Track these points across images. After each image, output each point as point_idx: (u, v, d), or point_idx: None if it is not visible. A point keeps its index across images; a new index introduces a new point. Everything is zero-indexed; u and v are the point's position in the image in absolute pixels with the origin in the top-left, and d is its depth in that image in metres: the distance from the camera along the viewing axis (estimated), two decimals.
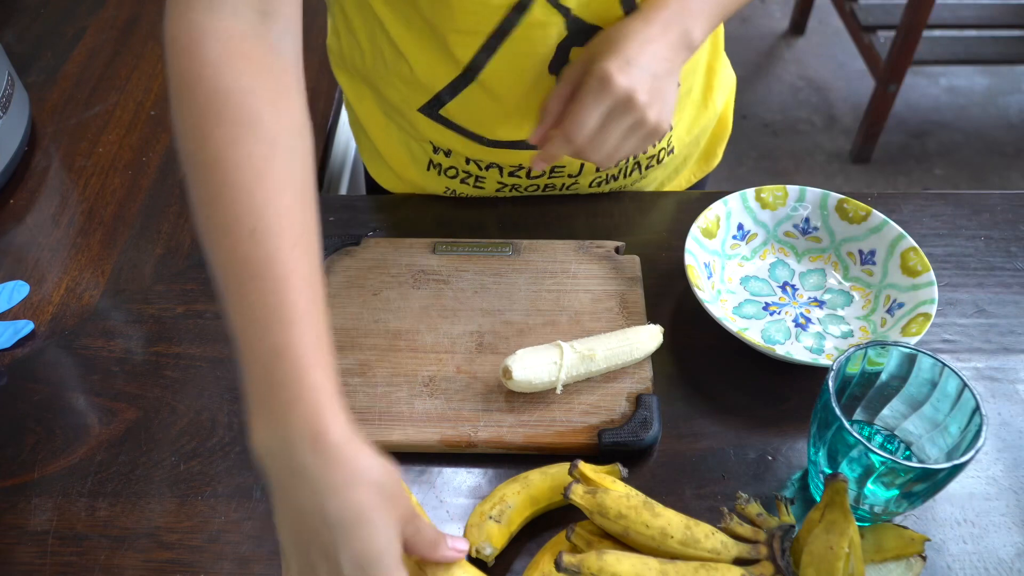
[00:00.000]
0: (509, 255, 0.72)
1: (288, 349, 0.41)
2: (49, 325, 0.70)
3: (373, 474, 0.42)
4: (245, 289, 0.42)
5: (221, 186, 0.43)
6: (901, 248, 0.68)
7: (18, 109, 0.84)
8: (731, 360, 0.66)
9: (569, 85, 0.61)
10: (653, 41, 0.58)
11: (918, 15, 1.91)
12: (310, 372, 0.41)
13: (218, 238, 0.43)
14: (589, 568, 0.46)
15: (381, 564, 0.41)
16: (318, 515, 0.41)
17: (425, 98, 0.70)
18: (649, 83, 0.58)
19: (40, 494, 0.59)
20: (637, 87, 0.57)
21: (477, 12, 0.62)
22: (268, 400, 0.41)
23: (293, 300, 0.41)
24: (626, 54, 0.57)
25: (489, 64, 0.66)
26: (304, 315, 0.41)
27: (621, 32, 0.59)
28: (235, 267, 0.42)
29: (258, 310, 0.41)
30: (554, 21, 0.63)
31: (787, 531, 0.50)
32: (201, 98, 0.45)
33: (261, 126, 0.44)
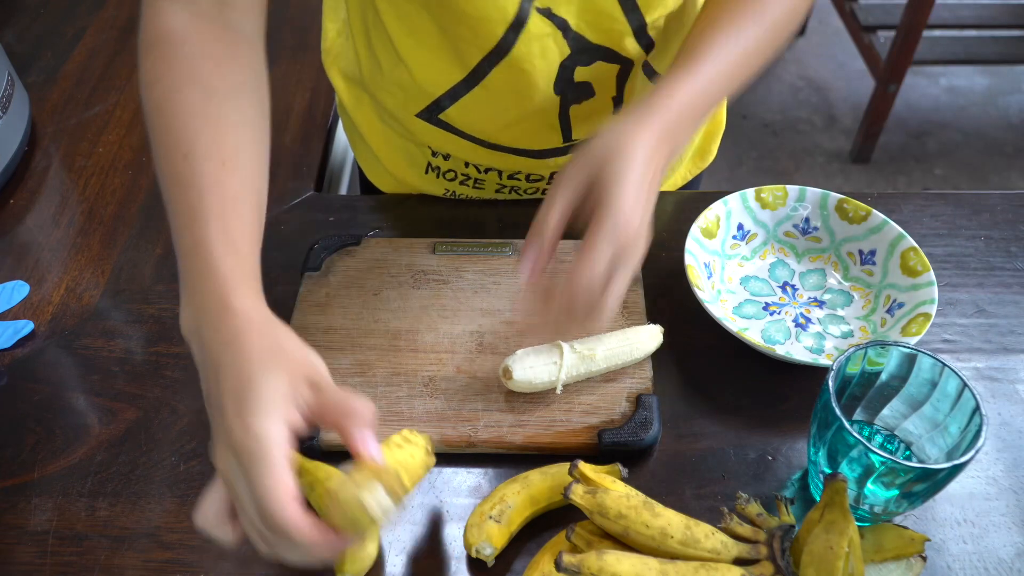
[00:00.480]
0: (509, 255, 0.72)
1: (202, 244, 0.47)
2: (49, 325, 0.70)
3: (269, 332, 0.44)
4: (176, 199, 0.49)
5: (166, 122, 0.51)
6: (901, 248, 0.68)
7: (18, 109, 0.84)
8: (731, 360, 0.66)
9: (568, 196, 0.51)
10: (656, 165, 0.53)
11: (918, 15, 1.91)
12: (221, 261, 0.46)
13: (161, 163, 0.51)
14: (589, 568, 0.46)
15: (258, 414, 0.41)
16: (212, 370, 0.43)
17: (424, 104, 0.70)
18: (645, 218, 0.52)
19: (40, 494, 0.59)
20: (642, 229, 0.51)
21: (475, 28, 0.62)
22: (187, 288, 0.47)
23: (209, 204, 0.48)
24: (636, 186, 0.50)
25: (489, 77, 0.66)
26: (219, 215, 0.47)
27: (627, 152, 0.51)
28: (171, 183, 0.50)
29: (182, 215, 0.48)
30: (553, 36, 0.63)
31: (787, 531, 0.50)
32: (157, 55, 0.53)
33: (201, 80, 0.52)
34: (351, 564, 0.52)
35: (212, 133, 0.50)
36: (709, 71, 0.57)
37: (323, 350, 0.65)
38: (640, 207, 0.50)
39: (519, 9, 0.60)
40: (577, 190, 0.50)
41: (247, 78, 0.55)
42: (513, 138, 0.71)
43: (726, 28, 0.58)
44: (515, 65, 0.64)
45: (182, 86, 0.52)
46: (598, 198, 0.49)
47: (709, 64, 0.57)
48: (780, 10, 0.60)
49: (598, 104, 0.69)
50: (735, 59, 0.58)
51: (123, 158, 0.86)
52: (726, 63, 0.58)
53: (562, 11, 0.62)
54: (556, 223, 0.51)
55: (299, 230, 0.77)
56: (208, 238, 0.47)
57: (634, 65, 0.67)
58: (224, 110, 0.52)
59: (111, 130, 0.89)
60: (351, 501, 0.41)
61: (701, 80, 0.56)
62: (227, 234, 0.47)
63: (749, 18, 0.59)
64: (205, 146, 0.49)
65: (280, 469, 0.40)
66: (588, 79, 0.67)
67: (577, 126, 0.71)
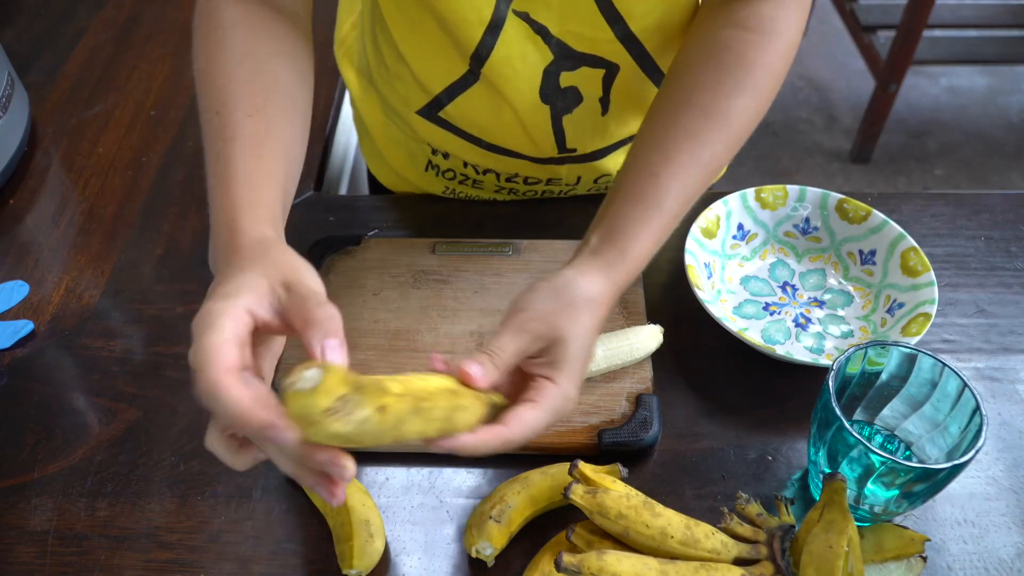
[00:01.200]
0: (509, 255, 0.72)
1: (223, 183, 0.49)
2: (49, 325, 0.70)
3: (261, 244, 0.45)
4: (209, 151, 0.52)
5: (204, 86, 0.55)
6: (901, 248, 0.68)
7: (18, 109, 0.84)
8: (731, 360, 0.66)
9: (519, 351, 0.48)
10: (602, 321, 0.52)
11: (918, 15, 1.91)
12: (236, 194, 0.49)
13: (201, 124, 0.54)
14: (589, 568, 0.46)
15: (220, 298, 0.41)
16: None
17: (424, 101, 0.70)
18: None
19: (40, 494, 0.59)
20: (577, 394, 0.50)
21: (453, 31, 0.62)
22: (214, 226, 0.49)
23: (232, 149, 0.50)
24: (584, 363, 0.50)
25: (479, 79, 0.66)
26: (242, 159, 0.50)
27: (580, 326, 0.49)
28: (206, 139, 0.53)
29: (212, 163, 0.51)
30: (532, 40, 0.62)
31: (787, 531, 0.50)
32: (202, 30, 0.57)
33: (236, 47, 0.55)
34: (358, 559, 0.52)
35: (242, 90, 0.53)
36: (670, 206, 0.54)
37: None
38: (581, 378, 0.50)
39: (495, 11, 0.60)
40: (529, 349, 0.48)
41: (284, 47, 0.57)
42: (510, 141, 0.71)
43: (687, 145, 0.55)
44: (497, 69, 0.64)
45: (218, 52, 0.55)
46: (549, 360, 0.48)
47: (669, 199, 0.54)
48: (742, 121, 0.56)
49: (588, 109, 0.69)
50: (695, 184, 0.55)
51: (123, 158, 0.86)
52: (684, 193, 0.55)
53: (542, 17, 0.61)
54: (504, 368, 0.47)
55: (299, 230, 0.77)
56: (229, 177, 0.49)
57: (620, 69, 0.66)
58: (255, 72, 0.54)
59: (111, 130, 0.89)
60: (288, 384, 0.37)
61: (661, 220, 0.54)
62: (247, 175, 0.49)
63: (708, 127, 0.55)
64: (235, 101, 0.52)
65: (222, 335, 0.39)
66: (574, 83, 0.66)
67: (571, 134, 0.70)
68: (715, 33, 0.58)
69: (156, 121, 0.90)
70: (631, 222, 0.54)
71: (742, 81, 0.56)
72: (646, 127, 0.58)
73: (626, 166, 0.57)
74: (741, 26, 0.57)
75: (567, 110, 0.68)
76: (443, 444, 0.44)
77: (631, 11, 0.61)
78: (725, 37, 0.57)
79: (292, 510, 0.57)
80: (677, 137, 0.55)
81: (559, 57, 0.64)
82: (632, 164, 0.57)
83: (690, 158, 0.55)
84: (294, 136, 0.55)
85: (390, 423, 0.39)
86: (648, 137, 0.57)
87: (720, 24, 0.58)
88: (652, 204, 0.54)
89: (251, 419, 0.38)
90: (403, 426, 0.40)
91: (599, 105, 0.69)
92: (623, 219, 0.54)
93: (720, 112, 0.55)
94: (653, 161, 0.55)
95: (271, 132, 0.52)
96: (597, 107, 0.69)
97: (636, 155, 0.57)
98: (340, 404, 0.37)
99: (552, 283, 0.51)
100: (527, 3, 0.60)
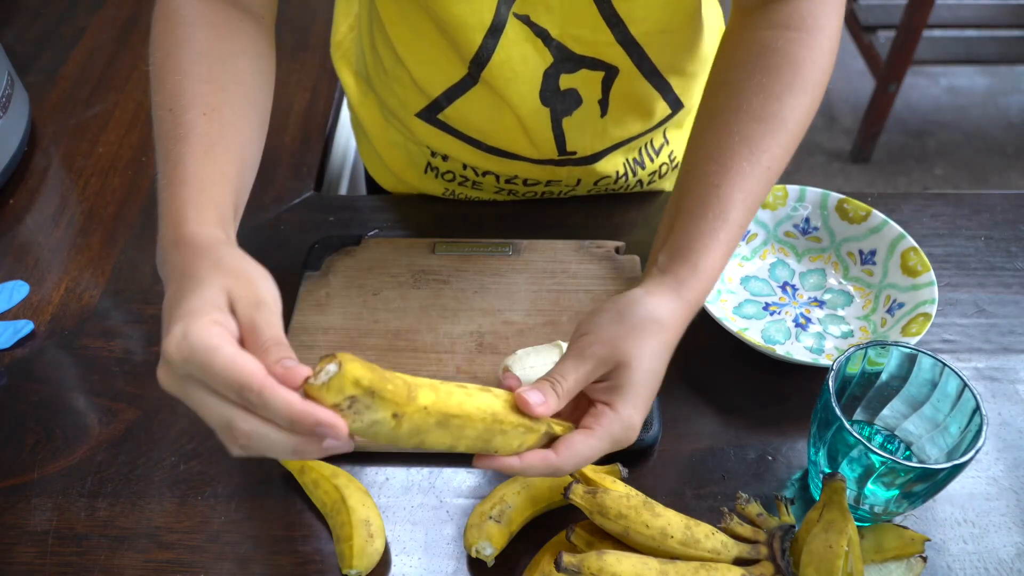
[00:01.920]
0: (509, 255, 0.72)
1: (171, 184, 0.48)
2: (49, 325, 0.70)
3: (211, 252, 0.43)
4: (160, 150, 0.51)
5: (159, 82, 0.53)
6: (901, 248, 0.68)
7: (18, 109, 0.84)
8: (731, 360, 0.66)
9: (585, 376, 0.47)
10: (673, 347, 0.50)
11: (918, 15, 1.91)
12: (182, 196, 0.47)
13: (154, 120, 0.52)
14: (589, 568, 0.46)
15: (176, 314, 0.40)
16: (166, 295, 0.43)
17: (423, 103, 0.70)
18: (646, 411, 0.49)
19: (40, 494, 0.59)
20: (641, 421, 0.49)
21: (455, 36, 0.62)
22: (161, 227, 0.47)
23: (182, 150, 0.49)
24: (649, 395, 0.48)
25: (478, 82, 0.66)
26: (192, 158, 0.48)
27: (648, 352, 0.48)
28: (158, 137, 0.51)
29: (162, 162, 0.50)
30: (532, 43, 0.62)
31: (787, 531, 0.50)
32: (160, 26, 0.55)
33: (195, 44, 0.54)
34: (358, 559, 0.52)
35: (196, 88, 0.51)
36: (736, 217, 0.52)
37: (323, 350, 0.65)
38: (648, 405, 0.48)
39: (496, 14, 0.60)
40: (592, 375, 0.47)
41: (245, 47, 0.56)
42: (509, 143, 0.71)
43: (745, 152, 0.53)
44: (497, 72, 0.64)
45: (175, 49, 0.53)
46: (611, 385, 0.47)
47: (734, 209, 0.52)
48: (796, 121, 0.54)
49: (587, 112, 0.69)
50: (757, 191, 0.53)
51: (123, 158, 0.86)
52: (747, 202, 0.53)
53: (543, 20, 0.61)
54: (566, 396, 0.46)
55: (299, 230, 0.77)
56: (177, 178, 0.48)
57: (620, 72, 0.66)
58: (214, 70, 0.53)
59: (111, 130, 0.89)
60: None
61: (728, 232, 0.52)
62: (197, 175, 0.48)
63: (764, 132, 0.54)
64: (188, 99, 0.51)
65: (225, 348, 0.38)
66: (573, 86, 0.66)
67: (572, 137, 0.70)
68: (757, 35, 0.56)
69: None
70: (698, 236, 0.51)
71: (791, 81, 0.55)
72: (699, 137, 0.56)
73: (684, 179, 0.55)
74: (783, 26, 0.56)
75: (567, 112, 0.68)
76: (482, 463, 0.43)
77: (632, 14, 0.61)
78: (768, 38, 0.56)
79: (292, 510, 0.57)
80: (733, 145, 0.53)
81: (559, 59, 0.64)
82: (690, 177, 0.55)
83: (749, 165, 0.53)
84: (250, 137, 0.53)
85: (407, 431, 0.39)
86: (703, 148, 0.55)
87: (760, 26, 0.57)
88: (718, 216, 0.52)
89: (307, 417, 0.37)
90: (425, 436, 0.40)
91: (598, 107, 0.69)
92: (690, 235, 0.52)
93: (773, 115, 0.54)
94: (712, 172, 0.53)
95: (225, 132, 0.51)
96: (596, 109, 0.69)
97: (693, 167, 0.55)
98: (347, 403, 0.37)
99: (617, 304, 0.49)
100: (528, 6, 0.60)
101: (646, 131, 0.74)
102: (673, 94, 0.71)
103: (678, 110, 0.74)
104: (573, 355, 0.47)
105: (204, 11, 0.55)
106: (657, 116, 0.73)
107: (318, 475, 0.56)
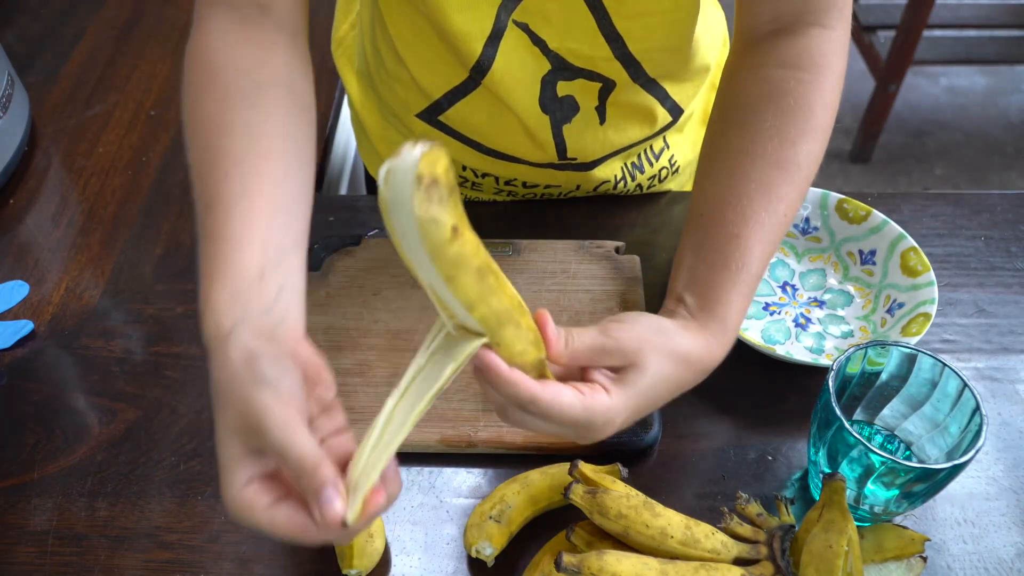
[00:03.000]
0: (509, 255, 0.72)
1: (206, 255, 0.45)
2: (49, 325, 0.70)
3: (236, 371, 0.40)
4: (196, 204, 0.48)
5: (190, 135, 0.51)
6: (901, 248, 0.68)
7: (18, 109, 0.84)
8: (731, 360, 0.65)
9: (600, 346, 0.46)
10: (679, 389, 0.49)
11: (918, 15, 1.91)
12: (214, 285, 0.44)
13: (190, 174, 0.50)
14: (589, 568, 0.46)
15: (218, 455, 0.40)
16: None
17: (424, 104, 0.70)
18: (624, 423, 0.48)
19: (40, 494, 0.59)
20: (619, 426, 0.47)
21: (456, 45, 0.61)
22: (201, 294, 0.45)
23: (209, 223, 0.46)
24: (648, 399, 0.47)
25: (477, 89, 0.66)
26: (222, 229, 0.45)
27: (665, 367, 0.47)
28: (194, 190, 0.49)
29: (198, 220, 0.47)
30: (530, 49, 0.62)
31: (787, 531, 0.50)
32: (190, 71, 0.53)
33: (218, 87, 0.51)
34: (358, 559, 0.52)
35: (220, 143, 0.49)
36: (756, 268, 0.52)
37: (323, 350, 0.65)
38: (632, 418, 0.47)
39: (495, 21, 0.60)
40: (605, 354, 0.46)
41: (277, 75, 0.53)
42: (511, 146, 0.71)
43: (763, 201, 0.52)
44: (497, 78, 0.64)
45: (201, 96, 0.51)
46: (618, 378, 0.46)
47: (754, 259, 0.51)
48: (810, 166, 0.54)
49: (586, 119, 0.69)
50: (775, 239, 0.53)
51: (123, 158, 0.86)
52: (766, 251, 0.52)
53: (542, 31, 0.61)
54: (573, 353, 0.45)
55: None
56: (208, 251, 0.45)
57: (617, 85, 0.66)
58: (240, 114, 0.50)
59: (111, 130, 0.89)
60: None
61: (750, 284, 0.51)
62: (215, 240, 0.45)
63: (781, 179, 0.53)
64: (214, 156, 0.48)
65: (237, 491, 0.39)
66: (571, 93, 0.66)
67: (572, 144, 0.70)
68: (768, 75, 0.55)
69: (156, 121, 0.90)
70: (724, 291, 0.51)
71: (805, 125, 0.54)
72: (714, 179, 0.55)
73: (701, 222, 0.54)
74: (793, 66, 0.55)
75: (566, 120, 0.68)
76: (485, 359, 0.41)
77: (631, 32, 0.61)
78: (779, 79, 0.55)
79: None
80: (751, 193, 0.53)
81: (556, 68, 0.64)
82: (708, 223, 0.53)
83: (768, 214, 0.52)
84: (284, 172, 0.50)
85: (452, 255, 0.36)
86: (720, 192, 0.54)
87: (770, 64, 0.56)
88: (741, 268, 0.51)
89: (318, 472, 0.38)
90: (459, 274, 0.37)
91: (596, 115, 0.69)
92: (715, 288, 0.51)
93: (789, 161, 0.53)
94: (731, 221, 0.52)
95: (248, 187, 0.47)
96: (594, 116, 0.69)
97: (710, 211, 0.54)
98: (429, 182, 0.33)
99: (659, 321, 0.49)
100: (527, 15, 0.60)
101: (647, 138, 0.74)
102: (671, 100, 0.71)
103: (678, 116, 0.74)
104: (598, 330, 0.46)
105: (232, 46, 0.53)
106: (659, 122, 0.73)
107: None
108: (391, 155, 0.34)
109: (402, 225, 0.35)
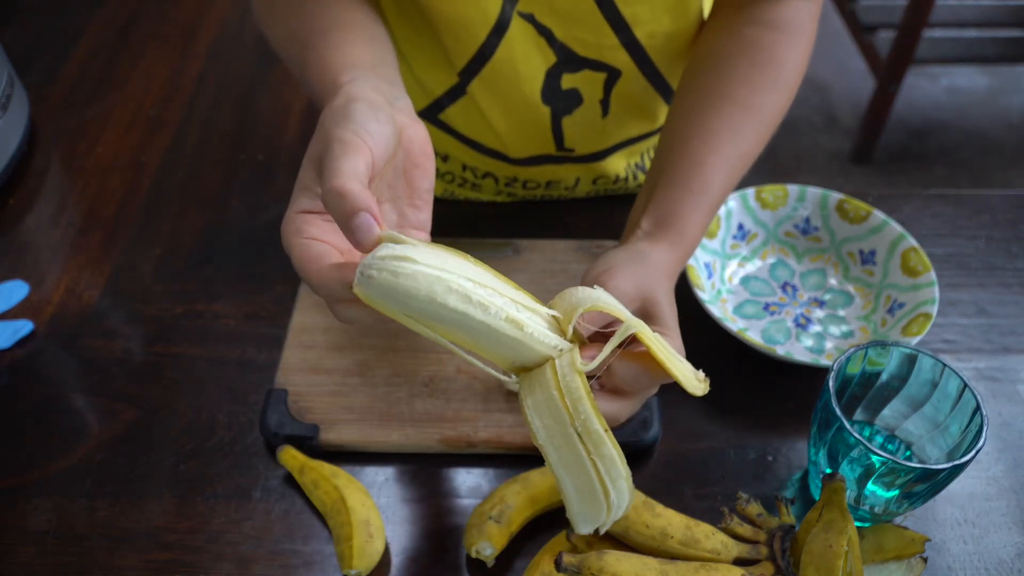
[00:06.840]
0: (509, 255, 0.72)
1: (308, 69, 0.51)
2: (49, 325, 0.70)
3: (327, 111, 0.44)
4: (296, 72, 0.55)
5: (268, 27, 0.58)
6: (902, 248, 0.68)
7: (18, 109, 0.84)
8: (731, 360, 0.66)
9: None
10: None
11: (918, 15, 1.91)
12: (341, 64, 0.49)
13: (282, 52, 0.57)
14: (589, 568, 0.46)
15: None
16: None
17: (425, 102, 0.70)
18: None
19: (40, 494, 0.59)
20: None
21: (458, 33, 0.62)
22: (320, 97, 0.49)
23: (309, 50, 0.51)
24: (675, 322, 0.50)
25: (477, 81, 0.65)
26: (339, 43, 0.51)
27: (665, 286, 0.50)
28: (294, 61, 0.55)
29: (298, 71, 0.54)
30: (535, 42, 0.62)
31: (787, 531, 0.50)
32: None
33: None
34: (358, 560, 0.52)
35: (313, 11, 0.54)
36: (716, 196, 0.55)
37: (323, 350, 0.65)
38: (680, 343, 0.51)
39: (501, 12, 0.60)
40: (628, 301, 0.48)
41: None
42: (509, 144, 0.71)
43: (728, 135, 0.56)
44: (499, 70, 0.64)
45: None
46: (651, 316, 0.49)
47: (716, 186, 0.55)
48: (773, 116, 0.58)
49: (588, 111, 0.69)
50: (735, 175, 0.57)
51: (123, 158, 0.86)
52: (727, 183, 0.56)
53: (547, 21, 0.61)
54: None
55: None
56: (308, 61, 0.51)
57: (622, 74, 0.66)
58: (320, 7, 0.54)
59: (111, 130, 0.89)
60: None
61: (710, 209, 0.55)
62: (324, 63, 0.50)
63: (746, 121, 0.57)
64: (306, 31, 0.53)
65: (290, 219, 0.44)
66: (575, 85, 0.66)
67: (570, 135, 0.71)
68: (742, 30, 0.59)
69: (156, 121, 0.90)
70: (685, 208, 0.54)
71: (774, 77, 0.57)
72: (683, 114, 0.58)
73: (667, 152, 0.57)
74: (767, 25, 0.58)
75: (567, 111, 0.68)
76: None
77: (637, 18, 0.62)
78: (754, 35, 0.58)
79: (292, 510, 0.57)
80: (719, 129, 0.56)
81: (562, 60, 0.64)
82: (674, 150, 0.57)
83: (732, 149, 0.56)
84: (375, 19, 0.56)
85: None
86: (687, 125, 0.57)
87: (744, 21, 0.59)
88: (702, 191, 0.54)
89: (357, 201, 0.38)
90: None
91: (599, 107, 0.69)
92: (675, 205, 0.54)
93: (756, 106, 0.57)
94: (696, 149, 0.55)
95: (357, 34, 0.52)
96: (598, 109, 0.69)
97: (676, 142, 0.57)
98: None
99: (628, 251, 0.51)
100: (532, 5, 0.60)
101: (648, 133, 0.74)
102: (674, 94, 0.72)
103: None
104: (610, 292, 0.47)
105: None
106: (660, 119, 0.73)
107: (318, 475, 0.56)
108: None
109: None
